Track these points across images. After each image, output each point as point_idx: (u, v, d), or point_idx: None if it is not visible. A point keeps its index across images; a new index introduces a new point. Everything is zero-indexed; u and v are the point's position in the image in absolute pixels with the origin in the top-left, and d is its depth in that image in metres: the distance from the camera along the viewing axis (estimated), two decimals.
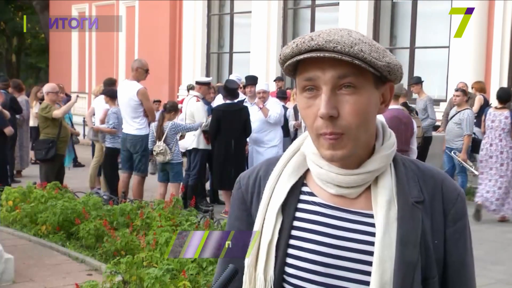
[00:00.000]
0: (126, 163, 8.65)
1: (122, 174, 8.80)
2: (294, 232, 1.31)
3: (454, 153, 9.45)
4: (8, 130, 8.73)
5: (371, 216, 1.28)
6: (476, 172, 9.35)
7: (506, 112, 8.56)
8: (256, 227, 1.34)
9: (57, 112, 8.68)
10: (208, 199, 9.34)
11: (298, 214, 1.32)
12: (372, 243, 1.25)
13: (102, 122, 9.37)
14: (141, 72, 8.46)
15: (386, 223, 1.25)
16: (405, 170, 1.32)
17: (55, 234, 6.63)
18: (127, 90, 8.43)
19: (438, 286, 1.30)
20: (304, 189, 1.35)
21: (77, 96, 9.44)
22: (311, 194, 1.34)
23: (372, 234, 1.26)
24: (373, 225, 1.27)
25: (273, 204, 1.33)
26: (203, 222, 6.25)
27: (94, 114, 9.99)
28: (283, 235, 1.31)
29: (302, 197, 1.34)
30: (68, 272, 5.62)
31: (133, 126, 8.41)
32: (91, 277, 5.32)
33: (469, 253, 1.37)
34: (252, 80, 9.59)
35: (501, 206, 8.62)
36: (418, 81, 10.60)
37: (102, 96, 9.72)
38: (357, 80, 1.23)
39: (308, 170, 1.36)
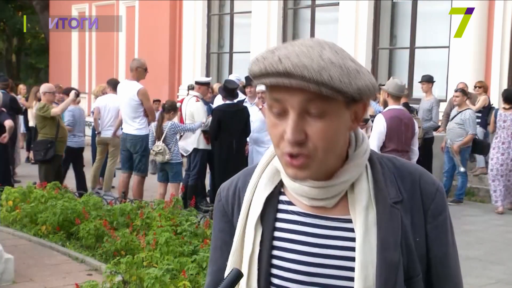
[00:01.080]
0: (126, 163, 8.65)
1: (122, 174, 8.81)
2: (276, 243, 1.30)
3: (450, 144, 9.55)
4: (9, 123, 8.68)
5: (350, 221, 1.27)
6: (462, 169, 9.58)
7: None
8: (236, 239, 1.33)
9: (55, 110, 8.66)
10: (208, 199, 9.33)
11: (278, 224, 1.31)
12: (353, 249, 1.25)
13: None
14: (140, 72, 8.47)
15: (365, 228, 1.24)
16: (382, 169, 1.31)
17: (55, 234, 6.63)
18: (127, 90, 8.43)
19: (423, 284, 1.30)
20: (282, 198, 1.33)
21: (75, 92, 9.41)
22: (289, 203, 1.32)
23: (353, 239, 1.25)
24: (352, 230, 1.26)
25: (252, 216, 1.32)
26: (203, 222, 6.25)
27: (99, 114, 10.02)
28: (265, 246, 1.30)
29: (281, 206, 1.33)
30: (68, 272, 5.62)
31: (133, 126, 8.41)
32: (91, 277, 5.32)
33: (451, 246, 1.35)
34: (251, 81, 9.57)
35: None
36: (430, 80, 10.49)
37: (105, 96, 9.80)
38: (326, 105, 1.18)
39: None
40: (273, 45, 12.28)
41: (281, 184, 1.34)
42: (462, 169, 9.58)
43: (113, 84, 9.93)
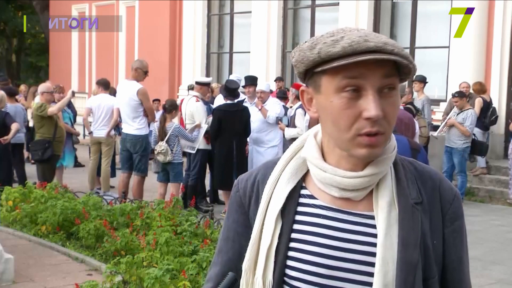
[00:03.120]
0: (126, 163, 8.64)
1: (122, 174, 8.80)
2: (295, 235, 1.31)
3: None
4: (16, 125, 8.72)
5: (372, 217, 1.28)
6: (435, 134, 9.91)
7: None
8: (255, 232, 1.34)
9: (52, 109, 8.65)
10: (208, 199, 9.34)
11: (298, 217, 1.32)
12: (374, 245, 1.26)
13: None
14: (140, 73, 8.45)
15: (388, 225, 1.26)
16: (404, 171, 1.33)
17: (55, 234, 6.63)
18: (127, 89, 8.41)
19: (438, 286, 1.31)
20: (303, 192, 1.35)
21: (72, 91, 9.43)
22: (311, 196, 1.33)
23: (374, 236, 1.27)
24: (374, 226, 1.28)
25: (272, 209, 1.33)
26: (203, 222, 6.25)
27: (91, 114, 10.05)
28: (283, 239, 1.31)
29: (302, 200, 1.34)
30: (68, 272, 5.62)
31: (132, 126, 8.40)
32: (91, 277, 5.32)
33: (466, 253, 1.38)
34: (251, 81, 9.59)
35: None
36: (422, 80, 10.58)
37: (97, 96, 9.83)
38: (395, 81, 1.26)
39: (306, 173, 1.36)
40: (273, 45, 12.18)
41: (302, 178, 1.35)
42: (435, 134, 9.91)
43: (104, 84, 9.97)
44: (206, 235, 5.81)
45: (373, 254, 1.26)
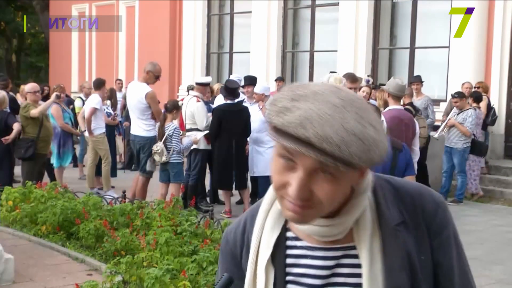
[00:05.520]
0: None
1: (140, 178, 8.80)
2: (290, 278, 1.31)
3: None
4: (17, 126, 8.82)
5: (354, 247, 1.28)
6: (436, 135, 9.87)
7: None
8: (247, 283, 1.33)
9: (33, 111, 8.74)
10: (208, 199, 9.33)
11: (288, 261, 1.32)
12: (359, 275, 1.26)
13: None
14: (151, 76, 8.50)
15: (371, 256, 1.26)
16: (382, 192, 1.31)
17: (55, 234, 6.63)
18: (136, 92, 8.47)
19: None
20: (289, 234, 1.34)
21: (56, 94, 9.53)
22: (296, 238, 1.33)
23: (359, 266, 1.27)
24: (357, 256, 1.27)
25: (262, 259, 1.33)
26: (203, 222, 6.25)
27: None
28: (279, 286, 1.31)
29: (289, 243, 1.33)
30: (68, 272, 5.62)
31: (141, 127, 8.47)
32: (91, 277, 5.32)
33: (460, 260, 1.35)
34: (250, 81, 9.59)
35: None
36: (419, 80, 10.64)
37: (90, 96, 9.91)
38: (338, 171, 1.16)
39: None
40: (273, 45, 12.20)
41: (286, 220, 1.33)
42: (436, 135, 9.87)
43: (95, 84, 10.19)
44: (206, 235, 5.81)
45: (360, 285, 1.26)
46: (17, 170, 9.78)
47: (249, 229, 1.37)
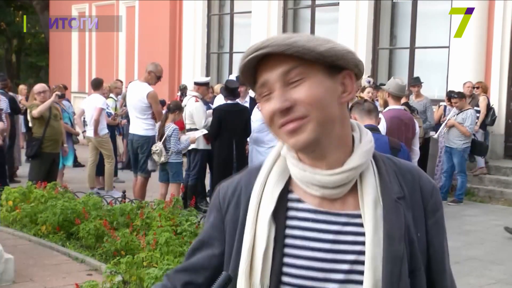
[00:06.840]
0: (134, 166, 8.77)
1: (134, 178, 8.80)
2: (287, 241, 1.31)
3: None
4: (1, 125, 8.94)
5: (359, 216, 1.30)
6: (435, 135, 9.96)
7: None
8: (248, 236, 1.33)
9: (34, 112, 8.76)
10: (208, 199, 9.33)
11: (288, 222, 1.32)
12: (362, 243, 1.28)
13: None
14: (153, 76, 8.52)
15: (375, 222, 1.28)
16: (385, 166, 1.35)
17: (55, 234, 6.63)
18: (137, 91, 8.47)
19: (424, 277, 1.33)
20: (290, 196, 1.35)
21: (56, 94, 9.55)
22: (298, 200, 1.34)
23: (362, 234, 1.28)
24: (361, 225, 1.29)
25: (263, 213, 1.32)
26: (203, 222, 6.25)
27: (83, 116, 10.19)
28: (278, 244, 1.31)
29: (290, 204, 1.34)
30: (68, 272, 5.62)
31: (140, 126, 8.46)
32: (91, 277, 5.32)
33: (446, 242, 1.42)
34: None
35: None
36: (419, 82, 10.63)
37: (89, 96, 9.92)
38: (305, 72, 1.26)
39: (290, 176, 1.36)
40: None
41: (289, 182, 1.35)
42: (435, 135, 9.96)
43: (94, 84, 10.23)
44: None
45: (362, 253, 1.27)
46: (24, 169, 9.86)
47: (244, 185, 1.39)
